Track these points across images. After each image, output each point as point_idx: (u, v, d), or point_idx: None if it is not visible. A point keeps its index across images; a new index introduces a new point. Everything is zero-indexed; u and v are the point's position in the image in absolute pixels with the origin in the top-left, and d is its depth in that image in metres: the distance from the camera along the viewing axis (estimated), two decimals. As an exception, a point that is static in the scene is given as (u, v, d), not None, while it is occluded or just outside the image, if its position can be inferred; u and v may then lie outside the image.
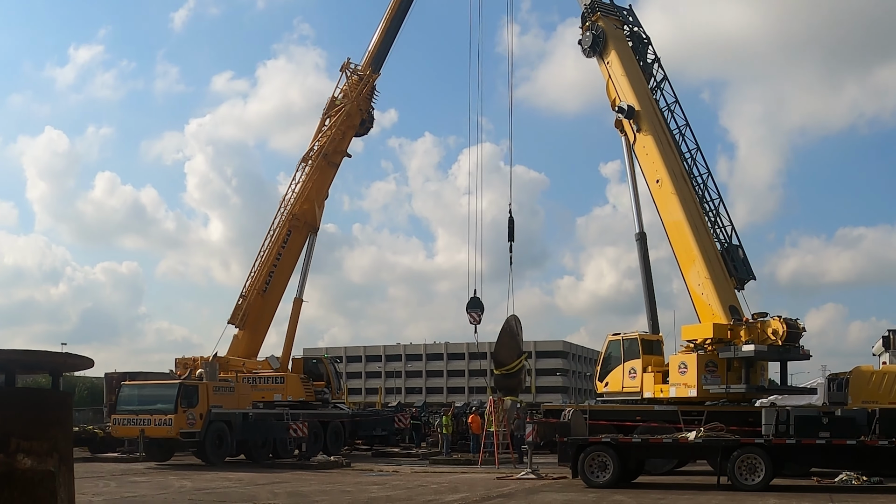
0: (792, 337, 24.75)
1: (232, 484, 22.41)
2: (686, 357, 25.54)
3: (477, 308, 31.29)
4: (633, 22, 30.28)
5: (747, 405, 25.84)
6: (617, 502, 17.80)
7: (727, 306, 25.50)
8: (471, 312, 31.31)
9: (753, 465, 19.15)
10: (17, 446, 4.87)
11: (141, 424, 28.20)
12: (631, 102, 28.41)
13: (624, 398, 26.79)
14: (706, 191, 27.80)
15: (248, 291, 35.32)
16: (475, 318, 31.23)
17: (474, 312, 31.28)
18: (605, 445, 20.51)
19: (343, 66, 36.51)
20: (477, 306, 31.30)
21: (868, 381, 24.11)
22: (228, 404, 29.60)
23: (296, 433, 29.86)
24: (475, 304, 31.30)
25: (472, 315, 31.29)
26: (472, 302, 31.32)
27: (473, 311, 31.31)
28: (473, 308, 31.33)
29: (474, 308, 31.32)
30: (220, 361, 32.47)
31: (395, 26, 36.58)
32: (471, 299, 31.35)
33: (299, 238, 35.74)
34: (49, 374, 5.60)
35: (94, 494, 18.68)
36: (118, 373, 37.86)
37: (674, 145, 28.16)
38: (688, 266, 26.56)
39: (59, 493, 5.02)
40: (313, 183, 35.55)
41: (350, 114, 35.92)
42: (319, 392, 35.30)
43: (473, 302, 31.30)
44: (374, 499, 18.52)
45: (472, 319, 31.25)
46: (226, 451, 29.52)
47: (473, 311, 31.31)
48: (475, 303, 31.29)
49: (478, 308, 31.29)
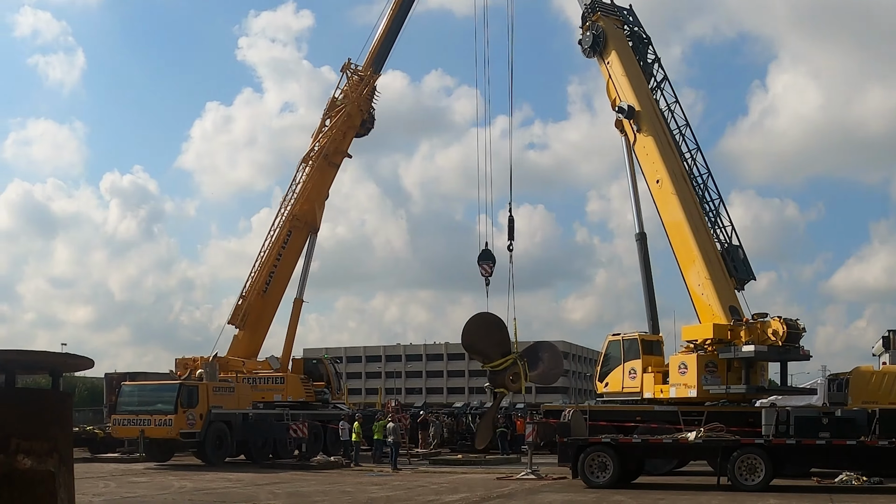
0: (792, 337, 24.77)
1: (232, 484, 22.42)
2: (686, 357, 25.57)
3: (489, 260, 30.68)
4: (634, 22, 30.30)
5: (747, 405, 25.85)
6: (617, 502, 17.82)
7: (727, 307, 25.52)
8: (482, 264, 30.87)
9: (753, 465, 19.16)
10: (17, 446, 4.87)
11: (141, 425, 28.22)
12: (631, 102, 28.44)
13: (624, 398, 26.81)
14: (706, 191, 27.84)
15: (248, 292, 35.34)
16: (487, 269, 30.75)
17: (486, 264, 30.77)
18: (605, 446, 20.52)
19: (344, 67, 36.51)
20: (489, 258, 30.80)
21: (868, 382, 24.13)
22: (228, 405, 29.61)
23: (296, 433, 29.85)
24: (486, 255, 30.48)
25: (483, 267, 30.67)
26: (484, 254, 30.49)
27: (485, 262, 30.84)
28: (485, 260, 30.68)
29: (486, 260, 30.74)
30: (220, 362, 32.48)
31: (396, 27, 36.57)
32: (482, 251, 30.58)
33: (299, 238, 35.77)
34: (49, 374, 5.60)
35: (94, 494, 18.69)
36: (118, 373, 37.92)
37: (674, 145, 28.19)
38: (688, 266, 26.59)
39: (59, 494, 5.02)
40: (314, 183, 35.57)
41: (351, 114, 35.93)
42: (319, 392, 35.31)
43: (485, 254, 30.48)
44: (374, 499, 18.53)
45: (484, 272, 30.57)
46: (226, 452, 29.53)
47: (485, 263, 30.74)
48: (486, 255, 30.46)
49: (489, 260, 30.65)
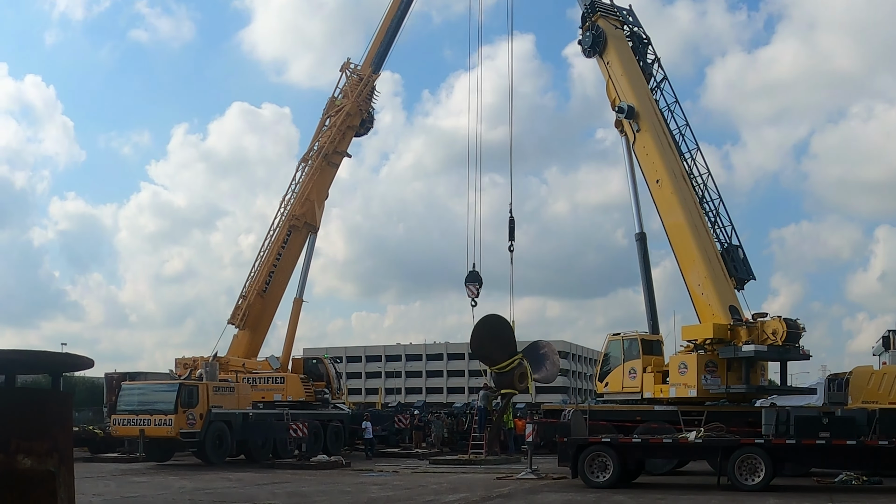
0: (792, 337, 24.79)
1: (232, 484, 22.41)
2: (686, 357, 25.57)
3: (475, 281, 30.08)
4: (633, 22, 30.29)
5: (747, 405, 25.87)
6: (617, 502, 17.80)
7: (727, 306, 25.53)
8: (469, 286, 30.38)
9: (753, 465, 19.14)
10: (17, 446, 4.88)
11: (141, 424, 28.18)
12: (631, 102, 28.43)
13: (624, 398, 26.81)
14: (706, 191, 27.82)
15: (248, 291, 35.37)
16: (473, 291, 30.30)
17: (472, 286, 30.28)
18: (605, 445, 20.50)
19: (343, 67, 36.53)
20: (475, 280, 30.25)
21: (868, 381, 24.11)
22: (228, 404, 29.60)
23: (296, 433, 29.82)
24: (474, 277, 30.14)
25: (469, 288, 30.17)
26: (471, 275, 30.17)
27: (471, 284, 30.32)
28: (472, 281, 30.08)
29: (472, 281, 30.15)
30: (220, 361, 32.48)
31: (395, 26, 36.59)
32: (469, 273, 30.25)
33: (299, 238, 35.80)
34: (49, 374, 5.61)
35: (94, 494, 18.67)
36: (118, 373, 37.81)
37: (674, 145, 28.19)
38: (688, 266, 26.59)
39: (59, 494, 5.02)
40: (313, 183, 35.60)
41: (350, 114, 35.97)
42: (319, 392, 35.30)
43: (472, 275, 30.17)
44: (374, 499, 18.52)
45: (470, 293, 30.15)
46: (226, 452, 29.51)
47: (471, 285, 30.24)
48: (474, 276, 30.16)
49: (476, 282, 30.08)
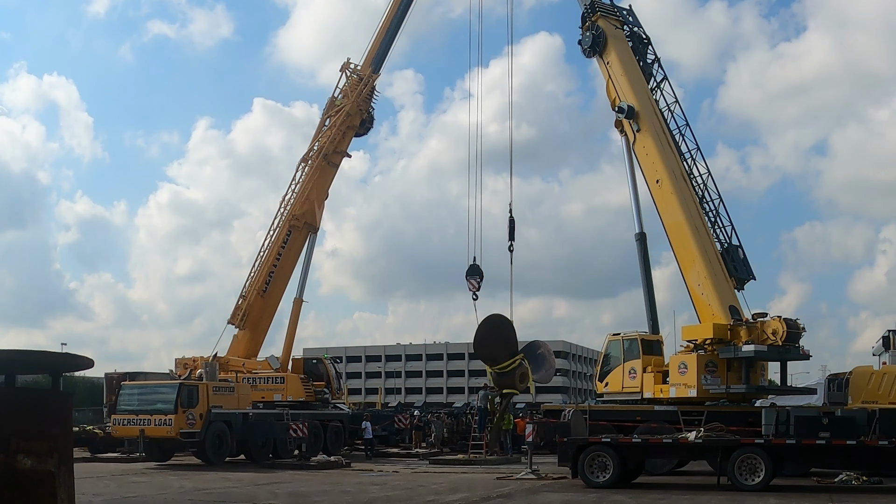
0: (792, 337, 24.78)
1: (232, 484, 22.41)
2: (686, 357, 25.57)
3: (476, 275, 29.81)
4: (633, 22, 30.29)
5: (747, 405, 25.86)
6: (617, 502, 17.80)
7: (727, 306, 25.53)
8: (470, 280, 30.13)
9: (753, 465, 19.14)
10: (17, 446, 4.88)
11: (141, 424, 28.20)
12: (631, 102, 28.43)
13: (624, 398, 26.80)
14: (706, 191, 27.82)
15: (248, 291, 35.38)
16: (474, 285, 30.08)
17: (473, 280, 30.07)
18: (605, 445, 20.50)
19: (343, 66, 36.52)
20: (476, 273, 29.90)
21: (868, 381, 24.11)
22: (228, 404, 29.60)
23: (296, 433, 29.83)
24: (474, 271, 29.90)
25: (471, 282, 29.86)
26: (472, 269, 29.95)
27: (472, 278, 30.02)
28: (472, 275, 29.89)
29: (473, 275, 29.88)
30: (220, 361, 32.50)
31: (395, 26, 36.59)
32: (470, 266, 30.02)
33: (299, 238, 35.80)
34: (49, 374, 5.61)
35: (94, 494, 18.66)
36: (118, 373, 37.83)
37: (674, 145, 28.19)
38: (688, 266, 26.59)
39: (59, 494, 5.02)
40: (313, 183, 35.60)
41: (350, 114, 35.96)
42: (319, 392, 35.30)
43: (473, 269, 29.94)
44: (374, 499, 18.52)
45: (472, 287, 29.88)
46: (226, 452, 29.51)
47: (472, 279, 30.01)
48: (474, 270, 29.92)
49: (477, 275, 29.79)
